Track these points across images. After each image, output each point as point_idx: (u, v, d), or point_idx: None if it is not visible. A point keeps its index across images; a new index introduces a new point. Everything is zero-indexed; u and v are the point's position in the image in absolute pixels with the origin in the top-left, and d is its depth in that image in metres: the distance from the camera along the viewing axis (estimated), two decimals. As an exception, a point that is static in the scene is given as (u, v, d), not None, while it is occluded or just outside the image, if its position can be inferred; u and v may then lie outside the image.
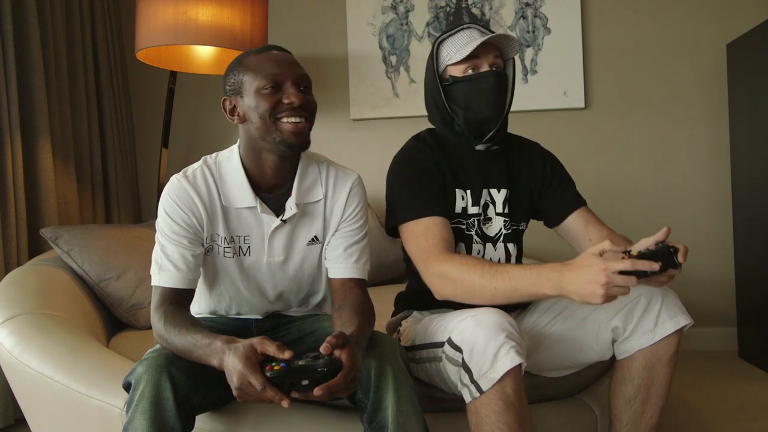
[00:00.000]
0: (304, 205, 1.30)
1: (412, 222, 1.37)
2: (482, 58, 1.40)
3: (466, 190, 1.44)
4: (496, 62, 1.41)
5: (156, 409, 1.04)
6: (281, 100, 1.21)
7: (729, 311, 2.74)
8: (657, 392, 1.31)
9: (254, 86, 1.21)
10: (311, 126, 1.26)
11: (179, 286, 1.21)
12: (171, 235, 1.23)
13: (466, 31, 1.43)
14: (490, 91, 1.39)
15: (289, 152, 1.24)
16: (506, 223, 1.46)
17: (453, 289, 1.27)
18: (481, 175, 1.45)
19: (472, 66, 1.40)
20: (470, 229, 1.44)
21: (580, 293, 1.11)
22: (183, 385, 1.07)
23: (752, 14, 2.66)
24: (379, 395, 1.11)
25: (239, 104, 1.25)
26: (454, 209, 1.43)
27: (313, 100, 1.27)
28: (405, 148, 1.49)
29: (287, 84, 1.22)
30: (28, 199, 2.17)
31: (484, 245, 1.45)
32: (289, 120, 1.21)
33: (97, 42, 2.63)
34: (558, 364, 1.43)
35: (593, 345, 1.36)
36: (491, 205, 1.46)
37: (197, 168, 1.28)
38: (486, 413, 1.11)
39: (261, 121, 1.21)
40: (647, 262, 1.09)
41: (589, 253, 1.12)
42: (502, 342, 1.10)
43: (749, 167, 2.50)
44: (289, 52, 1.29)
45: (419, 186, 1.39)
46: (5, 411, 1.96)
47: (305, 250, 1.33)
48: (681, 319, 1.28)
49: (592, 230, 1.46)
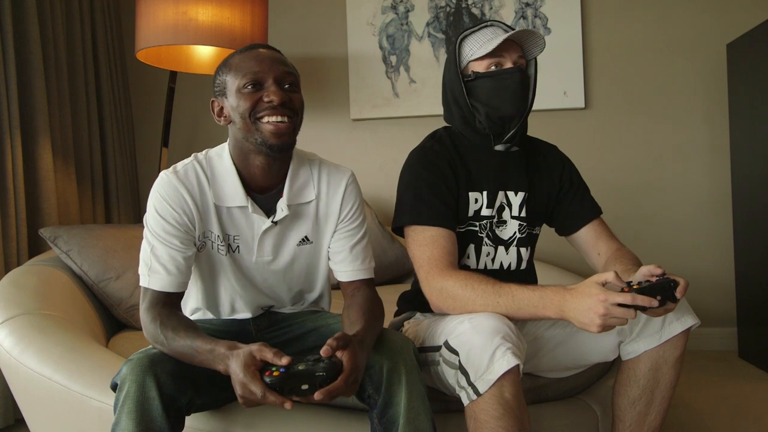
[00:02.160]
0: (295, 206, 1.28)
1: (420, 228, 1.35)
2: (506, 55, 1.38)
3: (481, 192, 1.42)
4: (520, 61, 1.39)
5: (141, 409, 1.03)
6: (261, 98, 1.18)
7: (729, 311, 2.74)
8: (662, 394, 1.31)
9: (236, 85, 1.19)
10: (296, 126, 1.22)
11: (170, 289, 1.20)
12: (162, 234, 1.20)
13: (489, 28, 1.41)
14: (514, 87, 1.37)
15: (271, 153, 1.20)
16: (521, 226, 1.44)
17: (452, 304, 1.26)
18: (499, 177, 1.43)
19: (496, 62, 1.38)
20: (482, 231, 1.42)
21: (579, 320, 1.13)
22: (168, 385, 1.06)
23: (752, 14, 2.66)
24: (391, 391, 1.10)
25: (225, 105, 1.23)
26: (467, 213, 1.41)
27: (299, 98, 1.23)
28: (423, 148, 1.45)
29: (269, 82, 1.18)
30: (28, 199, 2.17)
31: (495, 248, 1.43)
32: (269, 120, 1.17)
33: (97, 42, 2.63)
34: (561, 365, 1.42)
35: (597, 347, 1.36)
36: (507, 208, 1.44)
37: (188, 164, 1.25)
38: (485, 418, 1.11)
39: (242, 121, 1.19)
40: (647, 298, 1.10)
41: (592, 281, 1.14)
42: (498, 344, 1.10)
43: (749, 167, 2.49)
44: (276, 50, 1.25)
45: (433, 193, 1.36)
46: (5, 411, 1.96)
47: (295, 251, 1.31)
48: (688, 319, 1.28)
49: (601, 245, 1.45)
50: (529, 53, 1.42)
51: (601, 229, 1.48)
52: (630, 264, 1.34)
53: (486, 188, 1.42)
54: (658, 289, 1.12)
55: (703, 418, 1.99)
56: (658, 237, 2.78)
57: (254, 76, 1.18)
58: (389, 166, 2.86)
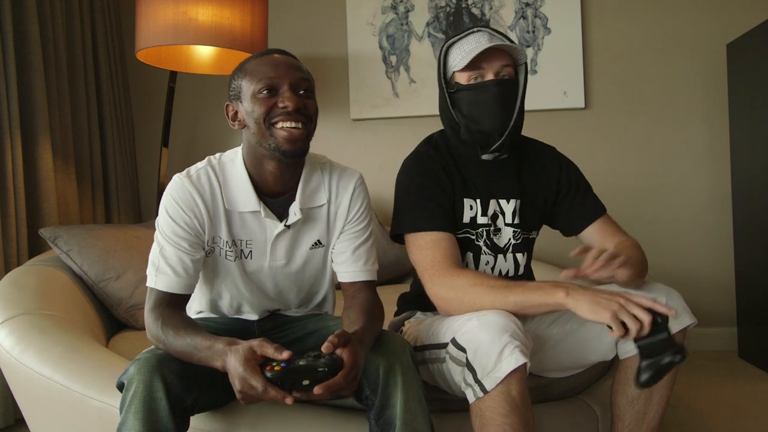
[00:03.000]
0: (307, 209, 1.29)
1: (419, 234, 1.34)
2: (487, 66, 1.34)
3: (475, 200, 1.41)
4: (504, 70, 1.35)
5: (148, 409, 1.04)
6: (276, 103, 1.18)
7: (729, 311, 2.74)
8: (660, 392, 1.31)
9: (251, 90, 1.19)
10: (310, 132, 1.22)
11: (176, 290, 1.20)
12: (171, 236, 1.21)
13: (475, 35, 1.37)
14: (492, 101, 1.34)
15: (285, 159, 1.20)
16: (516, 233, 1.43)
17: (460, 303, 1.24)
18: (490, 185, 1.42)
19: (477, 75, 1.35)
20: (479, 239, 1.41)
21: (590, 300, 1.11)
22: (175, 385, 1.07)
23: (752, 14, 2.66)
24: (388, 392, 1.11)
25: (240, 110, 1.23)
26: (462, 219, 1.40)
27: (314, 104, 1.23)
28: (418, 153, 1.43)
29: (284, 87, 1.18)
30: (28, 199, 2.17)
31: (495, 257, 1.42)
32: (284, 126, 1.17)
33: (97, 42, 2.63)
34: (561, 365, 1.42)
35: (596, 345, 1.35)
36: (500, 216, 1.42)
37: (201, 168, 1.26)
38: (491, 416, 1.10)
39: (256, 126, 1.19)
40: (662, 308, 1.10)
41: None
42: (506, 341, 1.10)
43: (749, 167, 2.49)
44: (292, 56, 1.26)
45: (430, 198, 1.36)
46: (5, 411, 1.97)
47: (308, 254, 1.32)
48: (685, 318, 1.27)
49: (608, 243, 1.42)
50: (518, 59, 1.39)
51: (606, 227, 1.45)
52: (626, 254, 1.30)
53: (478, 196, 1.41)
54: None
55: (703, 418, 1.99)
56: (658, 237, 2.78)
57: (269, 82, 1.18)
58: (389, 166, 2.84)
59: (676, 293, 1.31)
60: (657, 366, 1.10)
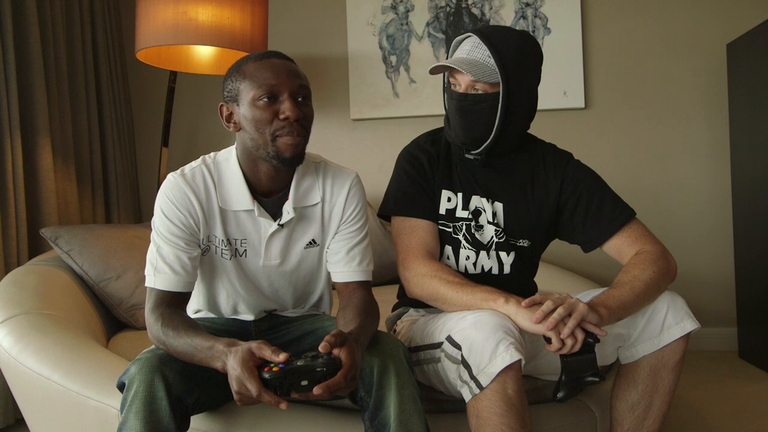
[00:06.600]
0: (301, 208, 1.29)
1: (401, 218, 1.41)
2: (460, 78, 1.34)
3: (456, 193, 1.42)
4: (477, 85, 1.31)
5: (149, 409, 1.04)
6: (277, 113, 1.17)
7: (729, 311, 2.74)
8: (661, 398, 1.29)
9: (250, 95, 1.18)
10: (307, 140, 1.23)
11: (175, 289, 1.20)
12: (167, 235, 1.21)
13: (470, 39, 1.35)
14: (456, 114, 1.36)
15: (283, 167, 1.22)
16: (497, 232, 1.41)
17: (420, 290, 1.32)
18: (473, 182, 1.42)
19: (456, 82, 1.35)
20: (457, 232, 1.41)
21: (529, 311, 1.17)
22: (176, 385, 1.07)
23: (752, 14, 2.66)
24: (382, 393, 1.11)
25: (236, 112, 1.23)
26: (438, 210, 1.42)
27: (310, 112, 1.23)
28: (414, 141, 1.50)
29: (284, 95, 1.18)
30: (28, 199, 2.17)
31: (477, 252, 1.41)
32: (284, 141, 1.18)
33: (97, 42, 2.63)
34: (558, 369, 1.41)
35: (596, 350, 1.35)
36: (483, 212, 1.41)
37: (196, 167, 1.26)
38: (488, 415, 1.10)
39: (256, 132, 1.19)
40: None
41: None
42: (500, 338, 1.10)
43: (749, 167, 2.49)
44: (290, 60, 1.25)
45: (413, 186, 1.41)
46: (5, 411, 1.97)
47: (302, 254, 1.32)
48: (687, 324, 1.25)
49: (624, 259, 1.38)
50: (488, 78, 1.30)
51: (625, 238, 1.38)
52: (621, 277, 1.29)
53: (461, 190, 1.42)
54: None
55: (703, 418, 1.99)
56: (658, 237, 2.77)
57: (270, 89, 1.17)
58: (389, 166, 2.80)
59: (680, 299, 1.29)
60: (578, 383, 1.15)
